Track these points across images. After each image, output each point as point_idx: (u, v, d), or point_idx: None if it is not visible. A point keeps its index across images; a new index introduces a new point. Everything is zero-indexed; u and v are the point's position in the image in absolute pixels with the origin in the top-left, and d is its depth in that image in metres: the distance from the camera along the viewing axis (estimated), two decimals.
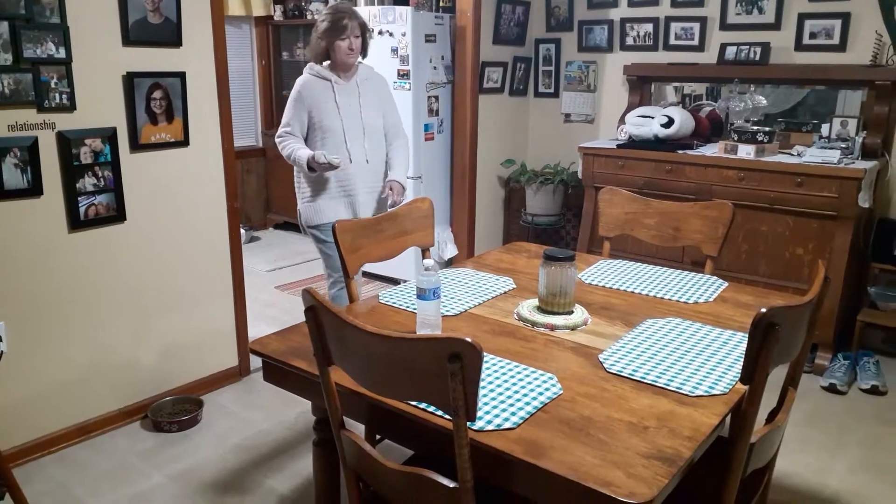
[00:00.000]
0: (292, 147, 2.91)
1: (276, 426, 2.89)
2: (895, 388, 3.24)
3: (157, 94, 2.78)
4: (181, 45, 2.83)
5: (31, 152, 2.45)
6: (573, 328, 1.85)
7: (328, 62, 2.96)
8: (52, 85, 2.47)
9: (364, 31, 2.93)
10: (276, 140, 2.98)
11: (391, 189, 2.99)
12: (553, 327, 1.85)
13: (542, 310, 1.93)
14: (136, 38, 2.68)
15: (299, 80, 2.96)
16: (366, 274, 4.69)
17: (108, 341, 2.81)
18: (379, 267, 4.49)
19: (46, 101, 2.47)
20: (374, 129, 3.01)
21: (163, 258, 2.94)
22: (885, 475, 2.57)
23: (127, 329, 2.86)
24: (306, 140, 2.96)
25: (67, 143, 2.54)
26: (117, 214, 2.74)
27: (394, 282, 4.51)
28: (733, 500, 1.46)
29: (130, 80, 2.68)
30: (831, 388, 3.20)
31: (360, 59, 3.00)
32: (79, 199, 2.61)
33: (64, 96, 2.51)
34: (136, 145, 2.75)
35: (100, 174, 2.65)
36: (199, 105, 2.95)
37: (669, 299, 2.10)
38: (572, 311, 1.92)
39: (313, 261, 5.25)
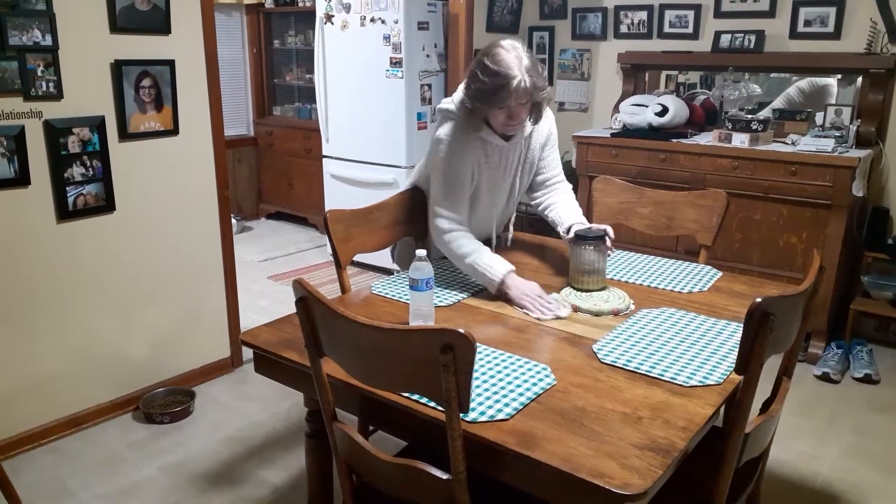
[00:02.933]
0: (472, 252, 2.04)
1: (268, 417, 2.88)
2: (888, 376, 3.25)
3: (146, 82, 2.74)
4: (170, 32, 2.79)
5: (17, 141, 2.42)
6: (598, 314, 1.89)
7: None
8: (39, 73, 2.44)
9: (535, 93, 1.97)
10: (441, 236, 2.10)
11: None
12: (577, 309, 1.91)
13: (574, 288, 2.00)
14: (123, 25, 2.64)
15: (448, 134, 2.08)
16: (358, 264, 4.68)
17: (99, 332, 2.79)
18: (372, 257, 4.47)
19: (33, 90, 2.43)
20: (518, 196, 2.36)
21: (153, 248, 2.91)
22: (877, 463, 2.58)
23: (117, 320, 2.84)
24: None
25: (55, 132, 2.50)
26: (106, 204, 2.71)
27: (387, 272, 4.49)
28: (727, 489, 1.46)
29: (118, 67, 2.65)
30: (824, 377, 3.20)
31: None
32: (67, 188, 2.57)
33: (51, 84, 2.47)
34: (125, 134, 2.72)
35: (88, 163, 2.62)
36: (188, 93, 2.91)
37: (663, 289, 2.09)
38: (606, 288, 1.99)
39: (306, 251, 5.23)
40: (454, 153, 2.07)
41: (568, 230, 2.15)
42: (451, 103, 2.14)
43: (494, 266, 1.98)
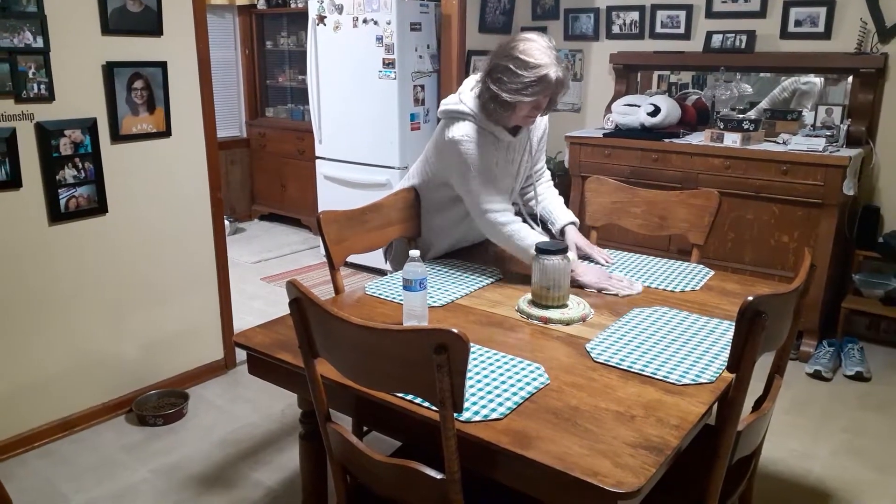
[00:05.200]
0: (522, 234, 2.14)
1: (262, 419, 2.88)
2: (879, 374, 3.27)
3: (138, 83, 2.74)
4: (162, 33, 2.79)
5: (9, 144, 2.41)
6: (568, 323, 1.82)
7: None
8: (30, 75, 2.43)
9: (566, 83, 2.09)
10: (501, 230, 2.16)
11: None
12: (547, 321, 1.83)
13: (535, 304, 1.90)
14: (115, 26, 2.63)
15: (465, 134, 2.12)
16: (352, 265, 4.68)
17: (91, 335, 2.78)
18: (365, 258, 4.47)
19: (24, 92, 2.42)
20: (518, 189, 2.45)
21: (146, 250, 2.90)
22: (869, 460, 2.60)
23: (110, 322, 2.83)
24: (437, 200, 2.34)
25: (47, 134, 2.49)
26: (99, 206, 2.70)
27: (380, 273, 4.49)
28: (720, 487, 1.46)
29: (110, 69, 2.64)
30: (816, 375, 3.22)
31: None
32: (59, 191, 2.57)
33: (42, 86, 2.46)
34: (117, 136, 2.71)
35: (80, 166, 2.61)
36: (181, 95, 2.91)
37: (656, 288, 2.10)
38: (566, 305, 1.90)
39: (299, 252, 5.22)
40: (479, 150, 2.13)
41: (562, 231, 2.31)
42: (460, 104, 2.17)
43: (530, 241, 2.10)
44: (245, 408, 2.97)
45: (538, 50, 2.01)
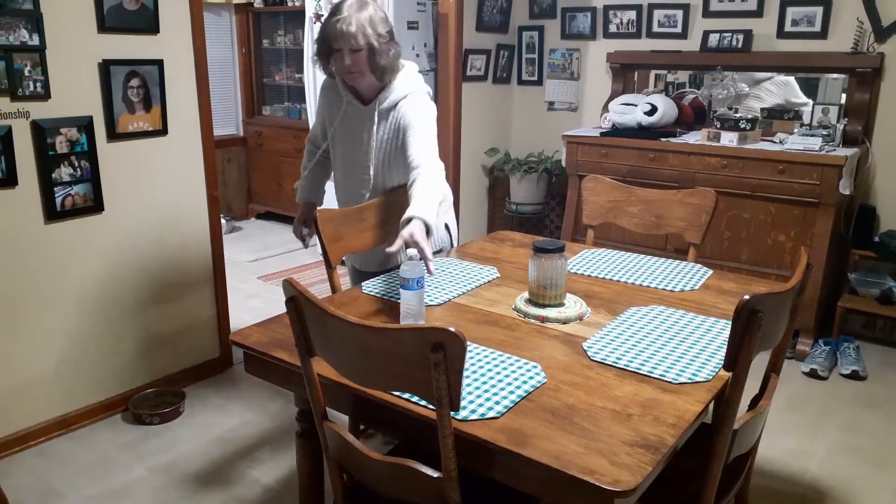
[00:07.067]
0: (303, 169, 2.49)
1: (259, 417, 2.88)
2: (875, 373, 3.28)
3: (135, 81, 2.73)
4: (158, 31, 2.78)
5: (4, 142, 2.40)
6: (565, 322, 1.82)
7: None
8: (26, 73, 2.42)
9: (366, 41, 2.05)
10: (307, 152, 2.56)
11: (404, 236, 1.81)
12: (544, 319, 1.83)
13: (532, 302, 1.90)
14: (111, 24, 2.62)
15: (324, 79, 2.36)
16: None
17: (88, 333, 2.77)
18: None
19: (20, 90, 2.41)
20: (385, 177, 2.29)
21: (142, 249, 2.90)
22: (865, 458, 2.60)
23: (106, 321, 2.82)
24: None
25: (42, 132, 2.49)
26: (95, 205, 2.69)
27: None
28: (716, 485, 1.47)
29: (106, 67, 2.63)
30: (812, 374, 3.23)
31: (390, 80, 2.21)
32: (55, 189, 2.56)
33: (38, 84, 2.46)
34: (114, 134, 2.71)
35: (76, 164, 2.60)
36: (177, 93, 2.90)
37: (655, 287, 2.10)
38: (563, 304, 1.90)
39: (296, 251, 5.22)
40: (320, 91, 2.37)
41: (405, 222, 1.89)
42: None
43: (300, 192, 2.47)
44: (242, 406, 2.96)
45: (346, 3, 2.06)
